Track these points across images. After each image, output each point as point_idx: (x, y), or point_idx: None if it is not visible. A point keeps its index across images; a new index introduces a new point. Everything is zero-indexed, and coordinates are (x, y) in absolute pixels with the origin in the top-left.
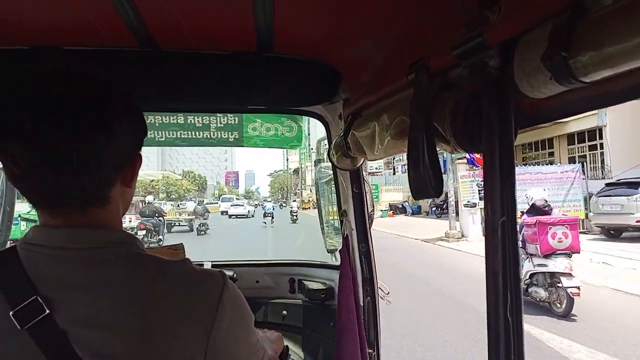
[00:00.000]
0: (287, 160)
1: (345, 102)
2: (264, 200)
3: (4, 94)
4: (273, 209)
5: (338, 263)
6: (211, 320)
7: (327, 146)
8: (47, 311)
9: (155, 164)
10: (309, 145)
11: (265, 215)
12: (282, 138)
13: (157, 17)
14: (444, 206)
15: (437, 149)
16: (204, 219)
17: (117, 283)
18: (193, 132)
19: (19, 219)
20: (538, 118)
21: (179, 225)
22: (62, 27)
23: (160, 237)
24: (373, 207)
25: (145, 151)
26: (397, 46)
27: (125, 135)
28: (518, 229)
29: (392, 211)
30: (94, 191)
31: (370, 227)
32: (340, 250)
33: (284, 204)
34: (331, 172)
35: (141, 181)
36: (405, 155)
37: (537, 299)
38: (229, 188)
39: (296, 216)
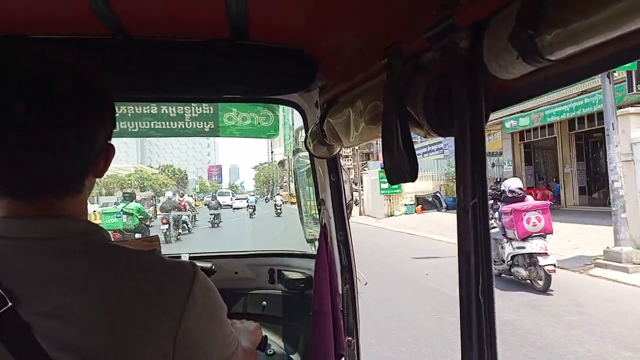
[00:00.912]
0: (272, 152)
1: (322, 89)
2: (248, 195)
3: None
4: (255, 202)
5: (314, 252)
6: (180, 311)
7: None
8: (10, 304)
9: (135, 158)
10: (294, 135)
11: (247, 208)
12: (259, 127)
13: (125, 3)
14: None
15: (412, 133)
16: (217, 212)
17: (83, 274)
18: (167, 123)
19: (120, 212)
20: (508, 99)
21: None
22: (27, 15)
23: (180, 230)
24: (352, 195)
25: (124, 145)
26: (372, 31)
27: (103, 124)
28: (497, 217)
29: (420, 205)
30: (70, 179)
31: (349, 216)
32: (318, 239)
33: (269, 198)
34: (308, 162)
35: (115, 175)
36: None
37: (520, 278)
38: (211, 182)
39: (280, 209)
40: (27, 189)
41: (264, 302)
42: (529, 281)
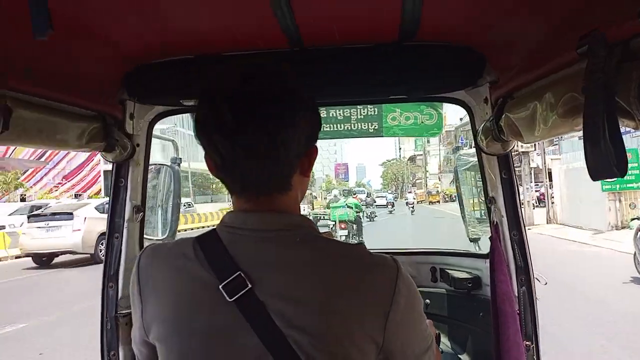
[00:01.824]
0: (400, 149)
1: (492, 84)
2: (387, 193)
3: (207, 94)
4: (393, 199)
5: (482, 252)
6: (389, 302)
7: (463, 132)
8: (249, 286)
9: None
10: (453, 133)
11: (387, 205)
12: (422, 126)
13: (310, 16)
14: None
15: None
16: (373, 208)
17: (305, 263)
18: (335, 125)
19: (345, 206)
20: None
21: (323, 219)
22: (222, 35)
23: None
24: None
25: None
26: (562, 20)
27: (305, 126)
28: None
29: None
30: (279, 178)
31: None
32: (490, 238)
33: (398, 196)
34: (472, 159)
35: None
36: None
37: None
38: (337, 181)
39: (413, 207)
40: (242, 187)
41: (427, 300)
42: None
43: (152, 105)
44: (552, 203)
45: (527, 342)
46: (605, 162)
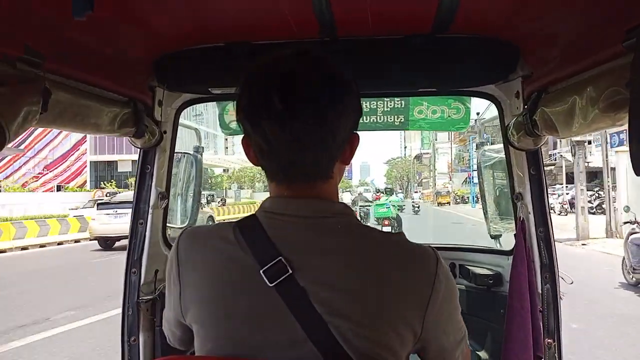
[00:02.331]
0: (406, 147)
1: (525, 78)
2: (396, 193)
3: (254, 79)
4: (402, 199)
5: (504, 248)
6: (429, 291)
7: (484, 127)
8: (290, 271)
9: None
10: (479, 128)
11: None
12: (448, 120)
13: (346, 5)
14: None
15: None
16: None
17: (346, 249)
18: (361, 117)
19: (389, 203)
20: None
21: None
22: (255, 22)
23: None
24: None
25: None
26: (606, 13)
27: (352, 113)
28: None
29: None
30: (323, 165)
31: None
32: (515, 235)
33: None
34: (496, 155)
35: (245, 169)
36: None
37: None
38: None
39: (418, 208)
40: (285, 173)
41: None
42: None
43: (180, 92)
44: (615, 210)
45: (549, 340)
46: None
